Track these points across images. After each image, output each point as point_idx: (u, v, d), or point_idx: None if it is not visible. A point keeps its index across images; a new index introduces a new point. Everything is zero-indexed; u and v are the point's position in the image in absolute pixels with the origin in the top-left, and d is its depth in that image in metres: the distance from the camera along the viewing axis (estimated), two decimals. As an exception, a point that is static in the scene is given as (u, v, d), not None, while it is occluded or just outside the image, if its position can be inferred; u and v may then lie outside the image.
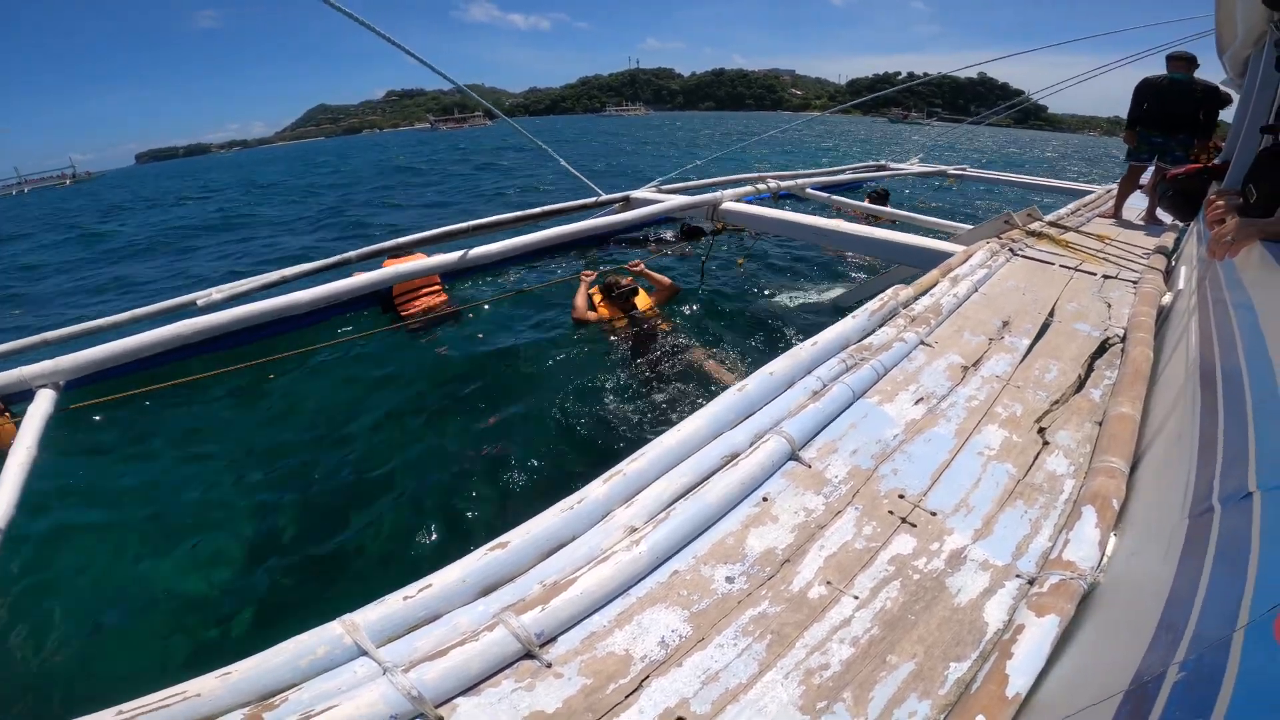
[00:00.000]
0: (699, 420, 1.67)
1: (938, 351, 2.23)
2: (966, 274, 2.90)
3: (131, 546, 3.12)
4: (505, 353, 5.01)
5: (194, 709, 1.00)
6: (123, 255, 12.83)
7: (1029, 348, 2.34)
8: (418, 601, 1.17)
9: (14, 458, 2.03)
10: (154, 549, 3.11)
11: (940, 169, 8.77)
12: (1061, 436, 1.79)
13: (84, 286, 10.07)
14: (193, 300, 3.00)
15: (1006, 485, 1.59)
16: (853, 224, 4.25)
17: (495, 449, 3.80)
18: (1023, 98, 8.81)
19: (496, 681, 1.07)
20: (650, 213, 4.54)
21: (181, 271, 10.28)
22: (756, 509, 1.48)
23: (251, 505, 3.47)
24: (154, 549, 3.11)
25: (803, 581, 1.29)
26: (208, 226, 15.51)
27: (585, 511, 1.39)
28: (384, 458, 3.74)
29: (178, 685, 1.04)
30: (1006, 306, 2.66)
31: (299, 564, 3.05)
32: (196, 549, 3.13)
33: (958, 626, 1.19)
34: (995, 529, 1.44)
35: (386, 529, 3.29)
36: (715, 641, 1.16)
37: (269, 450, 3.95)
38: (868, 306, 2.41)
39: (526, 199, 13.36)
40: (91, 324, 3.16)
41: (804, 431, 1.69)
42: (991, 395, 1.99)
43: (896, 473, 1.62)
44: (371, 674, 1.06)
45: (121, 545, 3.10)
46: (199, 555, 3.09)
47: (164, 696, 1.01)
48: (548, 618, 1.15)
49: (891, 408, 1.88)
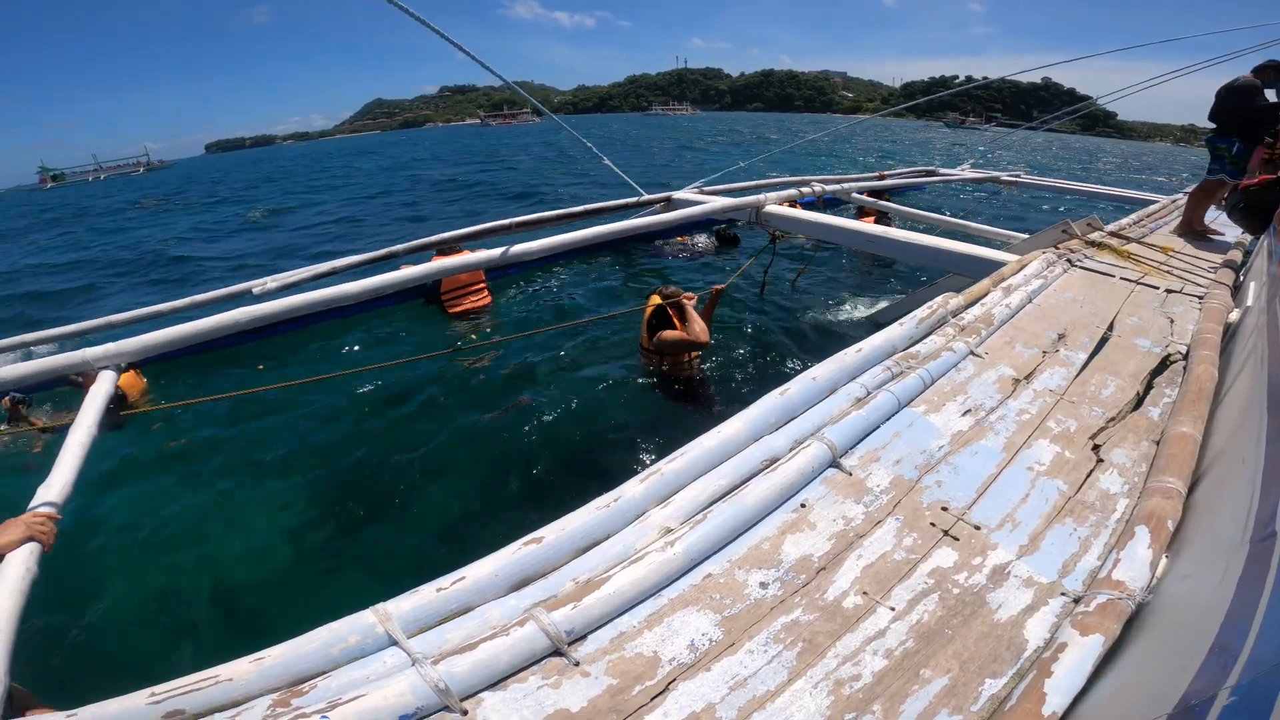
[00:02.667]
0: (739, 423, 1.65)
1: (988, 363, 2.16)
2: (1020, 284, 2.80)
3: (170, 531, 3.24)
4: (544, 353, 5.07)
5: (226, 692, 1.01)
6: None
7: (1085, 362, 2.25)
8: (450, 594, 1.18)
9: (74, 437, 2.04)
10: (194, 534, 3.22)
11: (993, 175, 8.49)
12: (1116, 454, 1.73)
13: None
14: (248, 288, 3.10)
15: (1056, 502, 1.54)
16: (902, 230, 4.14)
17: (528, 441, 3.84)
18: (1087, 102, 8.46)
19: (523, 677, 1.07)
20: (692, 214, 4.51)
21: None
22: (794, 515, 1.46)
23: (286, 492, 3.58)
24: (194, 534, 3.22)
25: (838, 590, 1.27)
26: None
27: (621, 510, 1.38)
28: (422, 450, 3.82)
29: (210, 668, 1.05)
30: (1062, 318, 2.56)
31: (328, 550, 3.13)
32: (232, 533, 3.24)
33: (995, 642, 1.16)
34: (1042, 546, 1.39)
35: (419, 517, 3.36)
36: (745, 647, 1.15)
37: (311, 439, 4.08)
38: (916, 314, 2.35)
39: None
40: (152, 308, 3.30)
41: (846, 439, 1.66)
42: (1044, 410, 1.92)
43: (940, 485, 1.58)
44: (401, 664, 1.06)
45: (158, 532, 3.22)
46: (236, 540, 3.20)
47: (197, 679, 1.03)
48: (579, 615, 1.15)
49: (938, 418, 1.83)
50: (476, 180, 20.06)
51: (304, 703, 0.99)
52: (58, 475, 1.89)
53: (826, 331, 5.76)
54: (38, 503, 1.78)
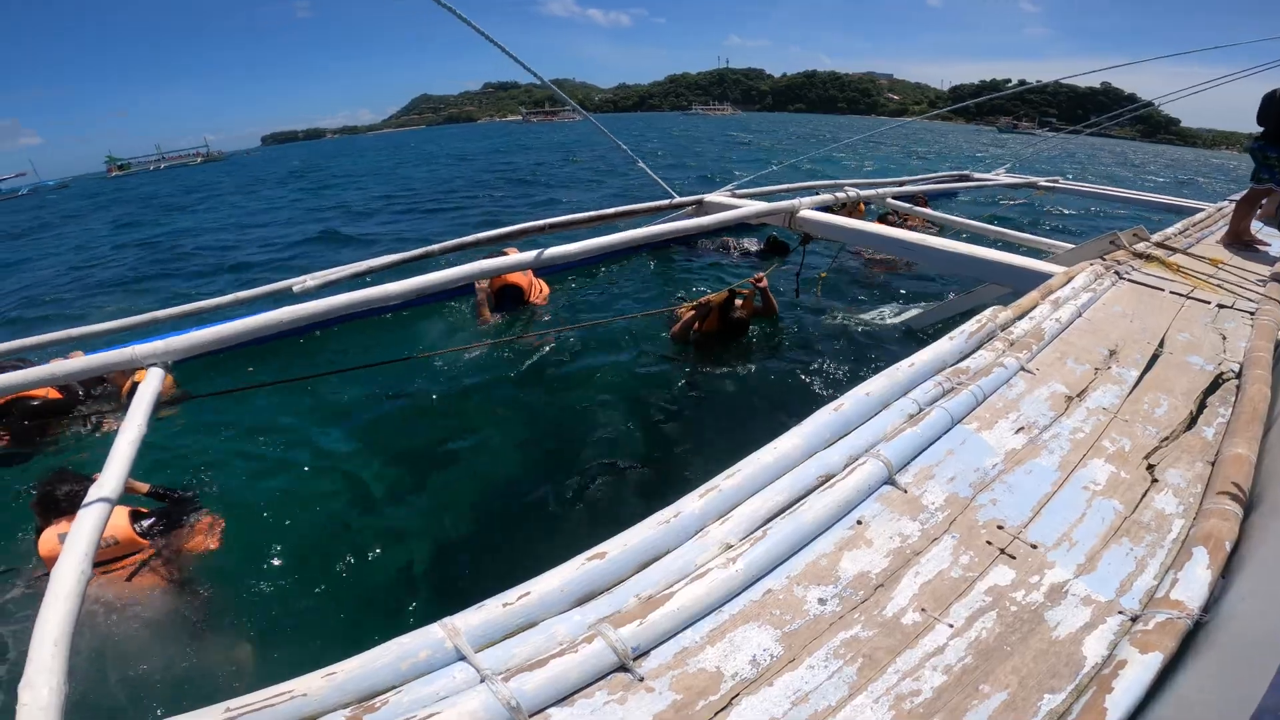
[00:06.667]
0: (794, 439, 1.66)
1: (1039, 379, 2.14)
2: (1069, 297, 2.76)
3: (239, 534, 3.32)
4: (591, 361, 5.14)
5: (298, 709, 1.02)
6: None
7: (1137, 380, 2.22)
8: (517, 608, 1.20)
9: (124, 436, 2.02)
10: (258, 537, 3.30)
11: (1030, 180, 8.31)
12: (1171, 475, 1.72)
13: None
14: (289, 286, 3.15)
15: (1113, 522, 1.54)
16: (939, 238, 4.08)
17: (578, 453, 3.89)
18: (1141, 104, 8.21)
19: (590, 693, 1.09)
20: (725, 219, 4.48)
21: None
22: (851, 532, 1.47)
23: (344, 496, 3.66)
24: (258, 537, 3.30)
25: (896, 607, 1.28)
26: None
27: (681, 525, 1.40)
28: (476, 450, 3.89)
29: (283, 683, 1.05)
30: (1113, 334, 2.53)
31: (385, 560, 3.20)
32: (297, 540, 3.31)
33: (1054, 659, 1.17)
34: (1099, 565, 1.40)
35: (473, 525, 3.42)
36: (806, 663, 1.16)
37: (371, 439, 4.16)
38: (965, 328, 2.33)
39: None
40: (195, 305, 3.38)
41: (901, 456, 1.66)
42: (1098, 428, 1.91)
43: (995, 503, 1.58)
44: (469, 680, 1.07)
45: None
46: (302, 547, 3.27)
47: (270, 695, 1.03)
48: (645, 631, 1.17)
49: (991, 436, 1.82)
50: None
51: (376, 718, 1.01)
52: (110, 472, 1.86)
53: (855, 334, 5.75)
54: (93, 499, 1.76)
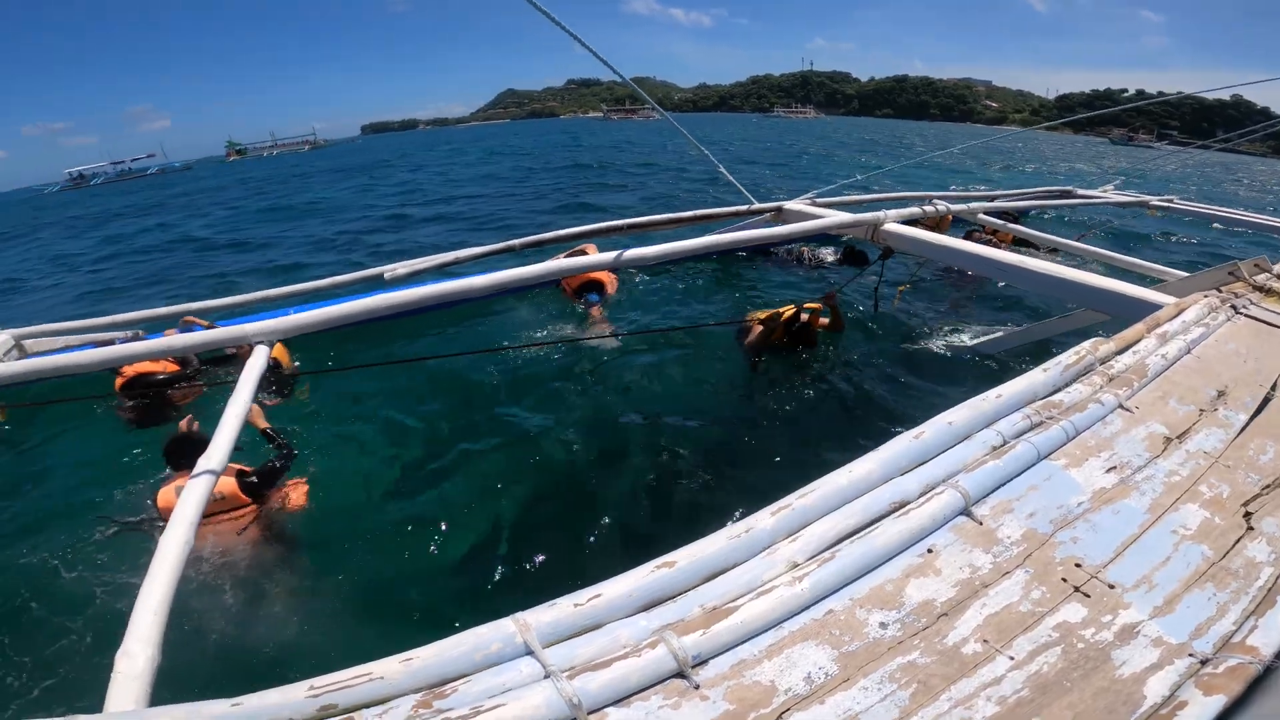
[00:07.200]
0: (870, 463, 1.65)
1: (1138, 418, 2.02)
2: (1178, 331, 2.58)
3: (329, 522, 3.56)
4: (661, 365, 5.20)
5: (375, 690, 1.07)
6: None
7: (1245, 424, 2.07)
8: (586, 609, 1.24)
9: (232, 409, 2.12)
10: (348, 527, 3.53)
11: (1141, 199, 7.75)
12: (1268, 524, 1.61)
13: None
14: (380, 273, 3.32)
15: (1198, 566, 1.46)
16: (1034, 258, 3.87)
17: (655, 459, 3.95)
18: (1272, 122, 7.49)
19: (646, 696, 1.13)
20: (805, 228, 4.39)
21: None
22: (919, 559, 1.45)
23: (424, 492, 3.86)
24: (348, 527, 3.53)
25: (958, 636, 1.27)
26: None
27: (751, 541, 1.42)
28: (549, 461, 4.03)
29: (363, 665, 1.11)
30: (1223, 374, 2.35)
31: (453, 545, 3.35)
32: (372, 533, 3.52)
33: (1113, 697, 1.14)
34: (1177, 608, 1.34)
35: (533, 518, 3.54)
36: (860, 684, 1.16)
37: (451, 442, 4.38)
38: (1061, 359, 2.23)
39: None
40: (299, 286, 3.63)
41: (980, 488, 1.62)
42: (1196, 472, 1.80)
43: (1076, 541, 1.53)
44: (534, 674, 1.12)
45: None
46: (378, 540, 3.47)
47: (351, 675, 1.09)
48: (707, 641, 1.20)
49: (1079, 473, 1.75)
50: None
51: (445, 705, 1.06)
52: (218, 444, 1.98)
53: (932, 354, 5.56)
54: (200, 470, 1.88)
